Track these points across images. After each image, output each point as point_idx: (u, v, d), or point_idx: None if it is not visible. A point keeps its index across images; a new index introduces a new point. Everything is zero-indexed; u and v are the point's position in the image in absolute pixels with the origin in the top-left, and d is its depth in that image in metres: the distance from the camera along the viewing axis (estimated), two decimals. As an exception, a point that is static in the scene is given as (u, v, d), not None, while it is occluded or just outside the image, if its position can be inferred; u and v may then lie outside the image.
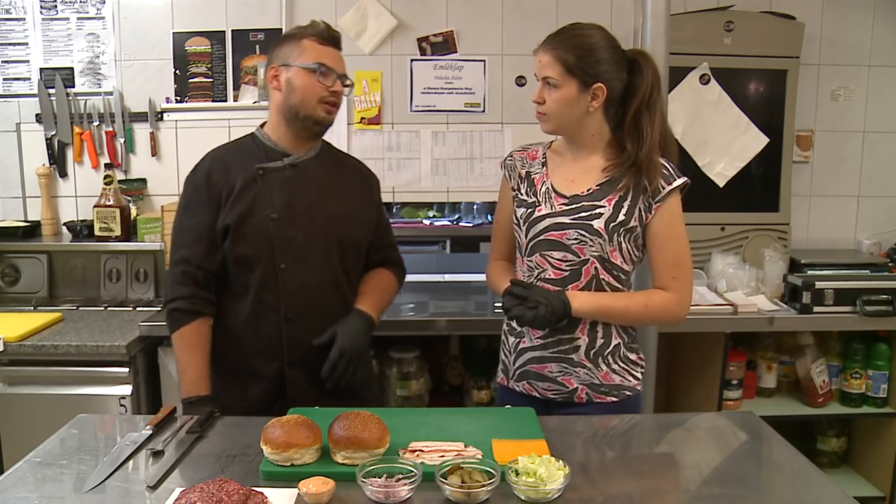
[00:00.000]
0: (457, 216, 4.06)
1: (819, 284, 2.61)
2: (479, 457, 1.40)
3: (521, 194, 1.83)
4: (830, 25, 3.06)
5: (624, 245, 1.73)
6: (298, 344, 1.84)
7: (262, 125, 1.92)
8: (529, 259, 1.80)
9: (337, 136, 2.99)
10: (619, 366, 1.79)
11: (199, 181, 1.85)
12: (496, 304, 2.66)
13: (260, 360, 1.86)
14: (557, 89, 1.69)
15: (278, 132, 1.88)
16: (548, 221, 1.76)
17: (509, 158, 1.90)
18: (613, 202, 1.72)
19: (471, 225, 3.98)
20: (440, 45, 3.05)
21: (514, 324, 1.85)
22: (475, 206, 4.06)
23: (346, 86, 1.86)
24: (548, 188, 1.79)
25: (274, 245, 1.81)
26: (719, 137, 2.91)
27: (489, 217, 4.02)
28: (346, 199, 1.92)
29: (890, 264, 2.95)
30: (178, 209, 1.89)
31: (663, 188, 1.70)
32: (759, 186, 3.01)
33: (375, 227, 2.00)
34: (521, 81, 3.06)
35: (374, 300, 1.95)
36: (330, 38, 1.84)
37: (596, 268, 1.74)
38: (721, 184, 2.93)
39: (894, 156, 3.17)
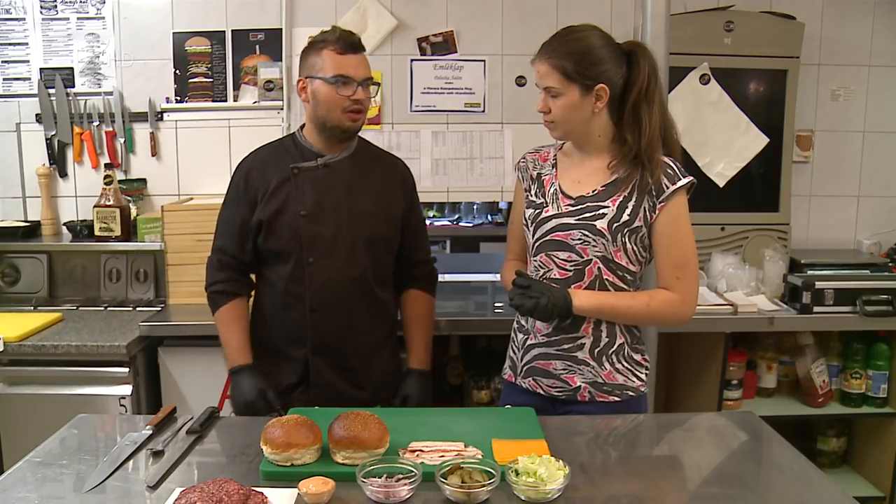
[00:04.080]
0: (457, 216, 4.07)
1: (819, 284, 2.61)
2: (479, 457, 1.41)
3: (532, 195, 1.85)
4: (830, 25, 3.06)
5: (629, 245, 1.73)
6: (323, 333, 1.95)
7: (302, 126, 2.02)
8: (535, 259, 1.82)
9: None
10: (623, 365, 1.79)
11: (239, 178, 1.99)
12: (496, 305, 2.67)
13: (288, 345, 1.98)
14: (560, 97, 1.70)
15: (313, 136, 1.98)
16: (554, 222, 1.77)
17: (522, 160, 1.92)
18: (618, 202, 1.72)
19: (471, 225, 3.98)
20: (440, 45, 3.05)
21: (521, 318, 1.87)
22: (475, 206, 4.06)
23: (374, 85, 1.93)
24: (555, 189, 1.80)
25: (303, 240, 1.91)
26: (719, 137, 2.91)
27: (489, 217, 4.03)
28: (376, 197, 1.99)
29: (890, 264, 2.95)
30: (223, 201, 2.04)
31: (667, 187, 1.70)
32: (759, 186, 3.00)
33: (406, 223, 2.06)
34: (521, 81, 3.06)
35: (424, 348, 2.10)
36: (349, 45, 1.88)
37: (599, 268, 1.74)
38: (721, 184, 2.92)
39: (894, 156, 3.16)
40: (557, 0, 3.02)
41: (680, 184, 1.71)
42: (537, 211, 1.81)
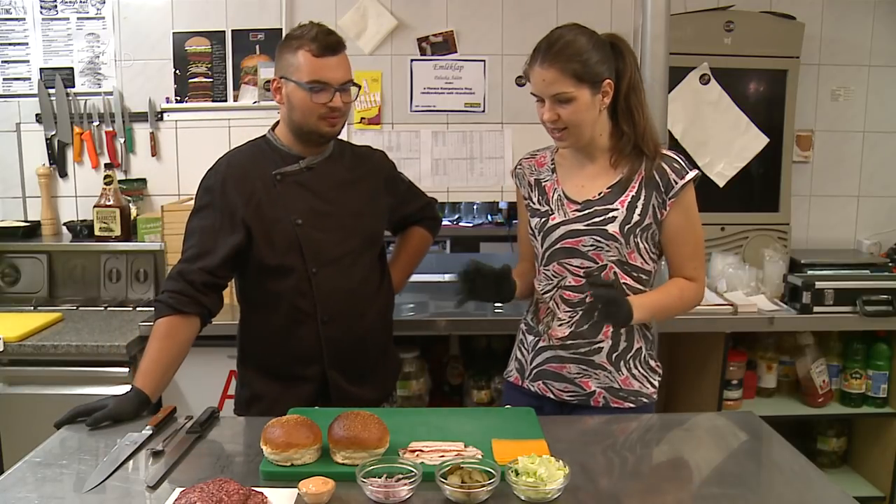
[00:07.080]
0: (457, 216, 4.07)
1: (819, 284, 2.61)
2: (479, 457, 1.41)
3: (534, 203, 1.82)
4: (830, 25, 3.06)
5: (642, 245, 1.72)
6: (337, 345, 1.86)
7: (274, 127, 1.90)
8: (547, 268, 1.79)
9: (337, 136, 2.99)
10: (639, 371, 1.78)
11: (215, 186, 1.82)
12: (496, 305, 2.66)
13: (300, 364, 1.87)
14: (572, 102, 1.65)
15: (288, 138, 1.86)
16: (562, 229, 1.74)
17: (518, 167, 1.89)
18: (626, 203, 1.71)
19: (471, 225, 3.99)
20: (440, 45, 3.05)
21: (530, 319, 1.85)
22: (475, 206, 4.06)
23: (355, 86, 1.81)
24: (559, 195, 1.78)
25: (304, 251, 1.81)
26: (719, 137, 2.91)
27: (489, 217, 4.03)
28: (365, 194, 1.92)
29: (890, 264, 2.95)
30: (192, 210, 1.86)
31: (676, 182, 1.69)
32: (759, 186, 3.01)
33: (395, 192, 2.04)
34: (521, 81, 3.06)
35: (407, 277, 2.18)
36: (326, 47, 1.74)
37: (615, 272, 1.73)
38: (721, 184, 2.93)
39: (894, 156, 3.16)
40: (557, 0, 3.02)
41: (688, 177, 1.70)
42: (543, 219, 1.78)
